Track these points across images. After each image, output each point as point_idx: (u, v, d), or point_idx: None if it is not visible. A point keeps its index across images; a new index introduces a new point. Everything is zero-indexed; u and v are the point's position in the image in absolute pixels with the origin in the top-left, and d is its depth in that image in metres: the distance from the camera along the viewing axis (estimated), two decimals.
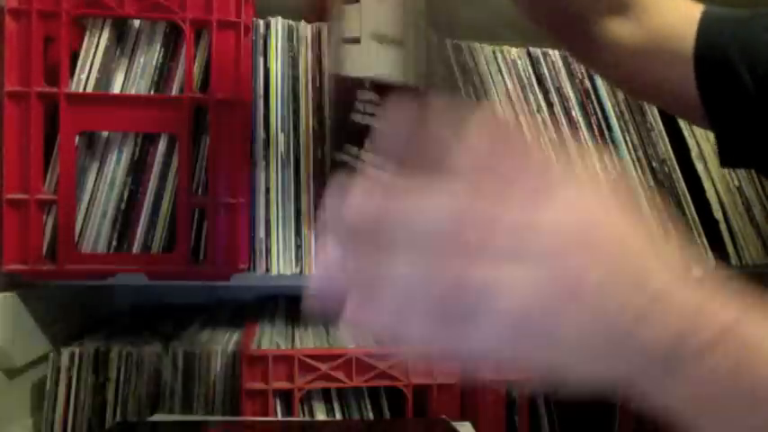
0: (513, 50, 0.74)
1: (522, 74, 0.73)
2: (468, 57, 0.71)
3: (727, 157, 0.49)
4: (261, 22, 0.72)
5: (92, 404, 0.67)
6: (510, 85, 0.72)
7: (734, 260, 0.73)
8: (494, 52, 0.72)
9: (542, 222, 0.25)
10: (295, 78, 0.72)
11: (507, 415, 0.68)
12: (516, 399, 0.68)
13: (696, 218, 0.74)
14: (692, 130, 0.76)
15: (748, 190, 0.75)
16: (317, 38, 0.73)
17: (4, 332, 0.63)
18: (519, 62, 0.73)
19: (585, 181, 0.27)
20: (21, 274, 0.64)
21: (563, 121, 0.73)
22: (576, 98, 0.74)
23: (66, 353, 0.67)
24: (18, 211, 0.63)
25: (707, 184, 0.75)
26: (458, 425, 0.63)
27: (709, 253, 0.73)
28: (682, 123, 0.76)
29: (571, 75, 0.75)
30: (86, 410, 0.67)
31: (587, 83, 0.75)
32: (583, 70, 0.75)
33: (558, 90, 0.74)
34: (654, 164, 0.75)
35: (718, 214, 0.74)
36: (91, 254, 0.65)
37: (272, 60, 0.71)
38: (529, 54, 0.74)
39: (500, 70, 0.72)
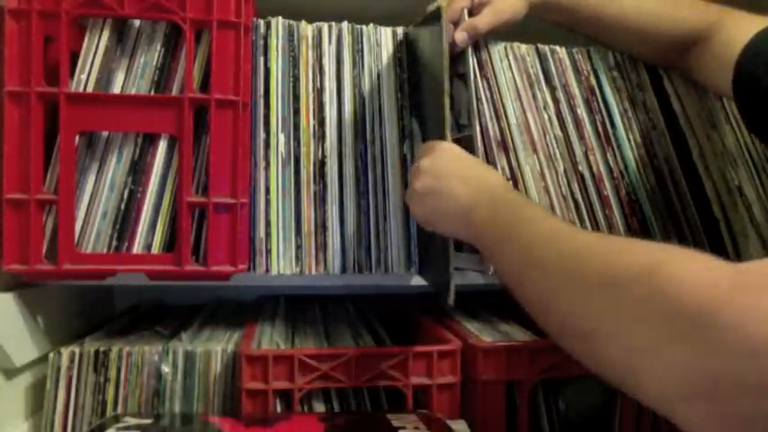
0: (523, 47, 0.74)
1: (531, 70, 0.73)
2: (483, 52, 0.72)
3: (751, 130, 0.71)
4: (261, 21, 0.72)
5: (92, 404, 0.67)
6: (519, 83, 0.72)
7: (733, 260, 0.73)
8: (505, 48, 0.73)
9: (433, 170, 0.60)
10: (295, 78, 0.72)
11: (507, 415, 0.67)
12: (516, 399, 0.68)
13: (696, 217, 0.74)
14: (693, 131, 0.76)
15: (748, 190, 0.75)
16: (318, 38, 0.73)
17: (4, 332, 0.63)
18: (528, 59, 0.74)
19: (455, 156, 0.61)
20: (21, 274, 0.64)
21: (568, 118, 0.73)
22: (582, 95, 0.74)
23: (66, 353, 0.67)
24: (18, 211, 0.63)
25: (707, 184, 0.75)
26: (452, 423, 0.63)
27: (709, 252, 0.72)
28: (683, 124, 0.76)
29: (577, 72, 0.75)
30: (86, 410, 0.67)
31: (593, 80, 0.75)
32: (588, 68, 0.75)
33: (565, 87, 0.74)
34: (655, 162, 0.74)
35: (719, 214, 0.74)
36: (91, 254, 0.65)
37: (273, 60, 0.72)
38: (537, 51, 0.74)
39: (510, 66, 0.73)
